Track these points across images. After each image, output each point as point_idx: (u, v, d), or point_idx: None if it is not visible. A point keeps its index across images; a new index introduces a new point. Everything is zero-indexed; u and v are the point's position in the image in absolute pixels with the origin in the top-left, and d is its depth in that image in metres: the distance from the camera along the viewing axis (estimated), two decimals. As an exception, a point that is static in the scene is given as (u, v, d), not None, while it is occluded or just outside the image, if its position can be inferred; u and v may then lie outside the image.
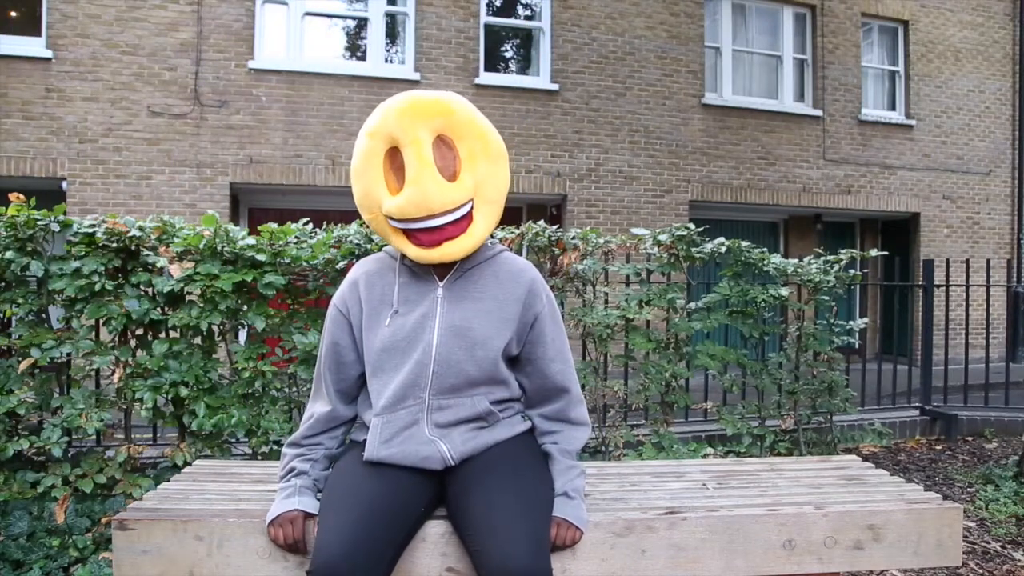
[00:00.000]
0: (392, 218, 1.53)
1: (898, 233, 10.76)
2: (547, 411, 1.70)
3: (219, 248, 2.87)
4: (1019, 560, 2.80)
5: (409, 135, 1.50)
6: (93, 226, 2.78)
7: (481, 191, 1.56)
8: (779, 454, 3.88)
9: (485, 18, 8.53)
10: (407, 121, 1.51)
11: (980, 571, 2.70)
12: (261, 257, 2.86)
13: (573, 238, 3.51)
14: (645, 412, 3.84)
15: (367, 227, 3.09)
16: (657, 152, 9.01)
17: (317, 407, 1.68)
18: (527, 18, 8.95)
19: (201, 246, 2.85)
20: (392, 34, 8.41)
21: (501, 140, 1.63)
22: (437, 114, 1.52)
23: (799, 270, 3.99)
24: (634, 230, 3.75)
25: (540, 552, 1.39)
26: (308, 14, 8.06)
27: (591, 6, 8.75)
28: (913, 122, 10.24)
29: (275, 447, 2.96)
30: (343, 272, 3.02)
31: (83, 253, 2.76)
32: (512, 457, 1.60)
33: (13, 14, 7.49)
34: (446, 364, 1.56)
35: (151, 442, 3.39)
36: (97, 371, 3.02)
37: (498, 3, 8.89)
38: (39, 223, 2.71)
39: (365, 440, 1.65)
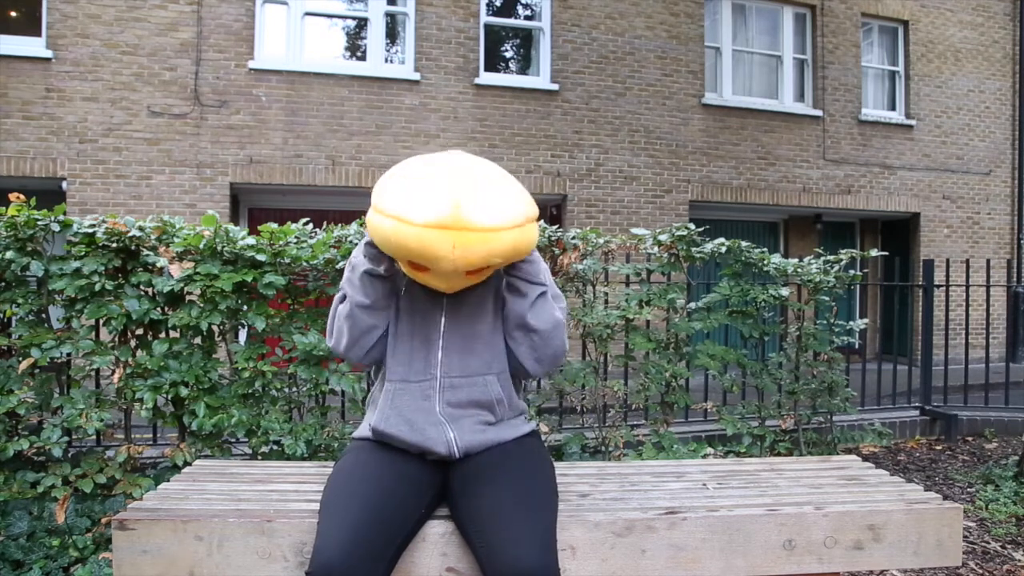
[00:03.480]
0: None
1: (898, 233, 10.76)
2: None
3: (219, 248, 2.87)
4: (1019, 560, 2.80)
5: (446, 278, 1.53)
6: (93, 226, 2.78)
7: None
8: (779, 454, 3.88)
9: (485, 18, 8.53)
10: (449, 268, 1.47)
11: (980, 571, 2.70)
12: (261, 257, 2.86)
13: (573, 238, 3.51)
14: (645, 412, 3.84)
15: (366, 228, 3.09)
16: (657, 152, 9.01)
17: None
18: (527, 18, 8.95)
19: (201, 246, 2.85)
20: (392, 34, 8.41)
21: (531, 242, 1.57)
22: (483, 257, 1.46)
23: (799, 270, 3.99)
24: (634, 230, 3.75)
25: (548, 551, 1.40)
26: (308, 14, 8.06)
27: (591, 6, 8.75)
28: (913, 122, 10.24)
29: (275, 447, 2.96)
30: (343, 272, 3.01)
31: (83, 253, 2.76)
32: (517, 457, 1.62)
33: (13, 14, 7.49)
34: (452, 340, 1.63)
35: (151, 442, 3.39)
36: (97, 371, 3.02)
37: (498, 3, 8.89)
38: (39, 223, 2.71)
39: (366, 438, 1.67)
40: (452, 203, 1.41)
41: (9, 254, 2.66)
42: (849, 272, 4.09)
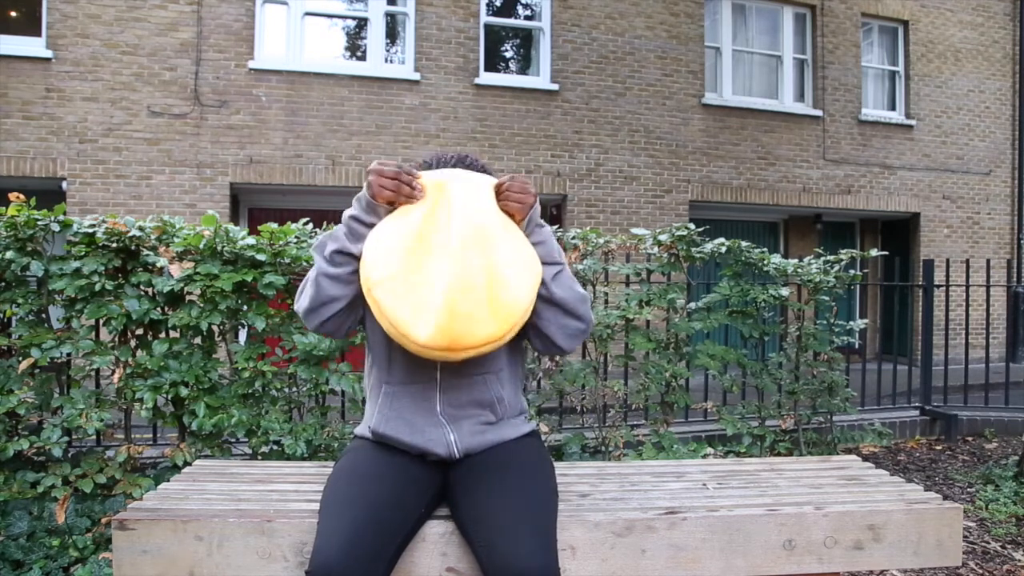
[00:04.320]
0: None
1: (898, 233, 10.76)
2: None
3: (219, 248, 2.87)
4: (1019, 560, 2.80)
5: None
6: (93, 226, 2.78)
7: None
8: (779, 454, 3.88)
9: (485, 18, 8.53)
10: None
11: (980, 571, 2.70)
12: (261, 257, 2.86)
13: (573, 238, 3.51)
14: (645, 412, 3.84)
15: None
16: (657, 152, 9.01)
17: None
18: (527, 18, 8.95)
19: (201, 246, 2.85)
20: (392, 34, 8.41)
21: (528, 314, 1.55)
22: (480, 353, 1.50)
23: (799, 270, 3.99)
24: (634, 230, 3.75)
25: (549, 551, 1.40)
26: (308, 14, 8.06)
27: (591, 6, 8.75)
28: (913, 122, 10.24)
29: (275, 447, 2.96)
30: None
31: (83, 253, 2.76)
32: (517, 457, 1.62)
33: (13, 14, 7.49)
34: None
35: (151, 442, 3.39)
36: (97, 371, 3.02)
37: (498, 3, 8.89)
38: (39, 223, 2.71)
39: (366, 437, 1.66)
40: (448, 328, 1.42)
41: (9, 254, 2.66)
42: (849, 272, 4.09)
